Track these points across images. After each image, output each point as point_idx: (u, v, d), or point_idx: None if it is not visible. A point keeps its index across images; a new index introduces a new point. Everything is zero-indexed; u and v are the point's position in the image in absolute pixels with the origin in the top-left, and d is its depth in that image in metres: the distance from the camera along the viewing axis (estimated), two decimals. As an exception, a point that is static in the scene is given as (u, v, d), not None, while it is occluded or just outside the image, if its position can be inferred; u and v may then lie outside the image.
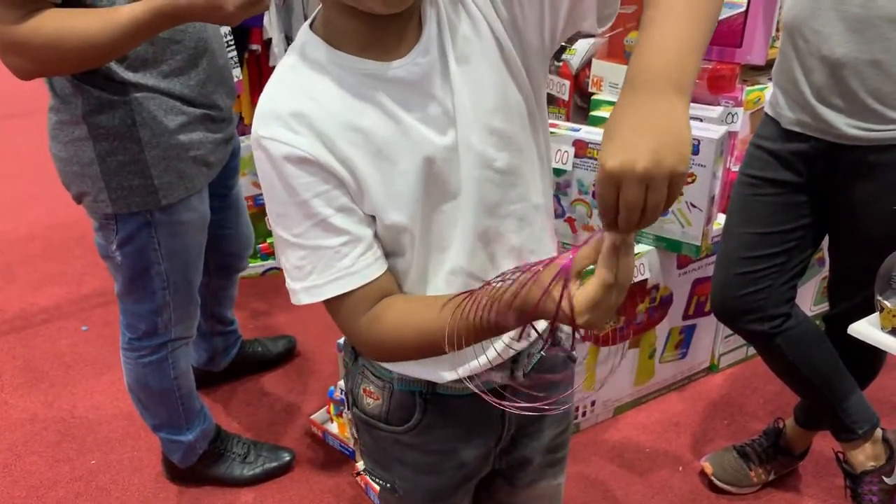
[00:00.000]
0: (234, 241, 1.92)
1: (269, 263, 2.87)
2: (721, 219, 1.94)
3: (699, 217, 1.83)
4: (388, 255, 0.87)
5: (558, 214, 1.93)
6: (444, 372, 0.94)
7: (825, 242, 1.65)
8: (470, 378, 0.93)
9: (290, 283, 0.85)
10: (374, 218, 0.84)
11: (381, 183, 0.81)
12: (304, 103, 0.79)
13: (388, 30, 0.79)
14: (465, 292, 0.77)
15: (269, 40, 2.58)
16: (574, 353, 1.14)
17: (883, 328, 1.15)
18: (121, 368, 1.72)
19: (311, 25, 0.83)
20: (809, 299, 2.36)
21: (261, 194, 2.86)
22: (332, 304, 0.84)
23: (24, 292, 2.80)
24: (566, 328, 1.07)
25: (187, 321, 1.66)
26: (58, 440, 2.08)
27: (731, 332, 2.17)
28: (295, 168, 0.79)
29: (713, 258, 1.96)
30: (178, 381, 1.70)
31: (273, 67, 2.66)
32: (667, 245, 1.92)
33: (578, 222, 1.89)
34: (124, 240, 1.48)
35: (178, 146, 1.44)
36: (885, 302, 1.14)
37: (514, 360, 0.99)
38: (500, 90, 0.84)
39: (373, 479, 1.08)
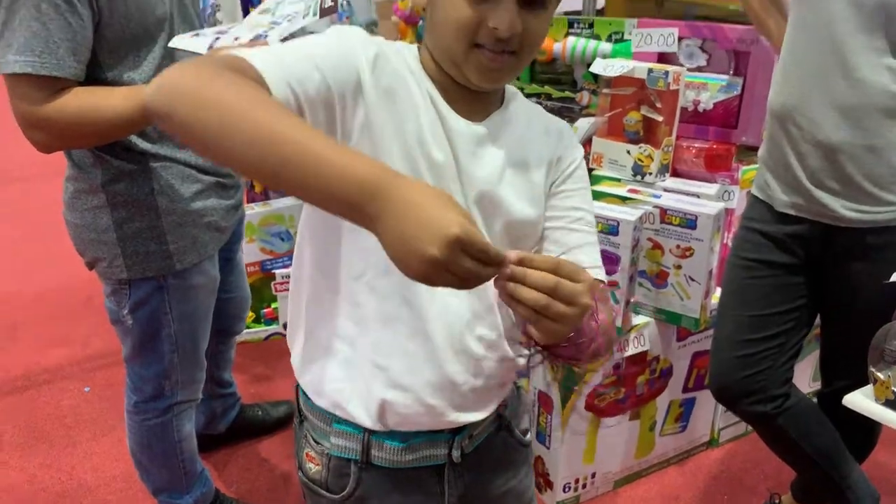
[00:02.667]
0: (234, 304, 1.96)
1: (272, 329, 2.89)
2: (719, 293, 1.99)
3: (698, 290, 1.87)
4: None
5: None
6: (374, 417, 0.96)
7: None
8: (408, 448, 0.99)
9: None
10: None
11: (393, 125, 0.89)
12: (391, 60, 0.90)
13: (467, 95, 0.93)
14: None
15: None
16: (527, 438, 1.15)
17: (877, 400, 1.17)
18: (121, 430, 1.73)
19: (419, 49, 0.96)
20: (807, 376, 2.37)
21: (268, 259, 2.89)
22: (225, 54, 0.80)
23: (28, 352, 2.82)
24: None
25: (193, 385, 1.68)
26: (55, 502, 2.07)
27: (730, 405, 2.18)
28: (345, 39, 0.87)
29: (712, 331, 1.99)
30: (182, 444, 1.71)
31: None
32: (666, 317, 1.95)
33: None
34: (136, 304, 1.52)
35: (193, 213, 1.49)
36: (879, 374, 1.17)
37: (452, 439, 1.01)
38: (523, 197, 0.98)
39: None
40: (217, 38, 1.33)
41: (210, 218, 1.53)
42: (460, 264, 0.67)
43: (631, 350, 1.95)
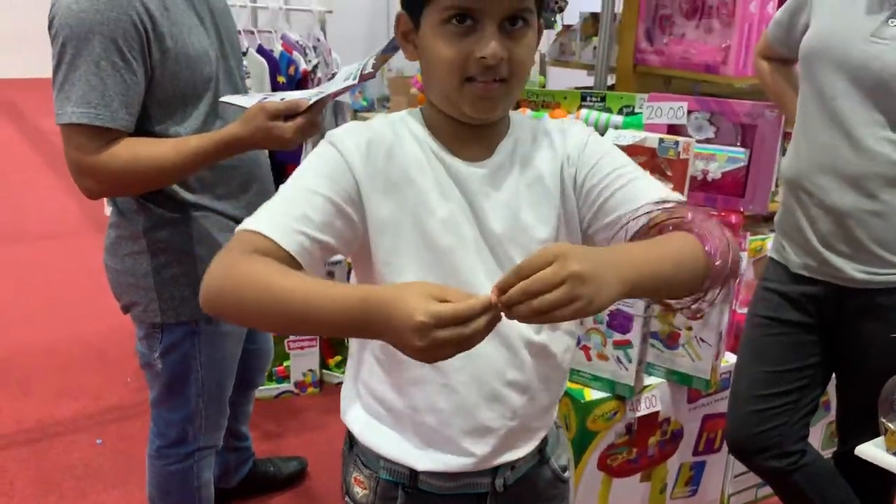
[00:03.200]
0: (257, 356, 2.00)
1: (284, 387, 2.92)
2: (728, 356, 2.03)
3: (709, 351, 1.92)
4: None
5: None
6: (420, 458, 1.02)
7: (830, 385, 1.72)
8: (453, 476, 1.03)
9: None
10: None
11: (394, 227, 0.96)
12: (384, 141, 0.97)
13: (474, 134, 0.98)
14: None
15: (303, 174, 2.76)
16: (566, 474, 1.18)
17: (888, 450, 1.21)
18: (133, 483, 1.75)
19: (421, 109, 1.02)
20: (817, 443, 2.39)
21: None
22: (240, 236, 0.91)
23: (40, 404, 2.84)
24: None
25: (216, 431, 1.72)
26: (65, 553, 2.07)
27: (741, 471, 2.20)
28: (335, 154, 0.95)
29: (722, 394, 2.03)
30: (201, 490, 1.73)
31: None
32: (678, 378, 1.99)
33: (593, 350, 1.98)
34: (168, 348, 1.57)
35: (227, 261, 1.56)
36: (889, 424, 1.21)
37: (496, 468, 1.06)
38: (549, 225, 1.01)
39: None
40: (265, 98, 1.43)
41: (242, 266, 1.60)
42: (444, 338, 0.73)
43: (643, 410, 1.99)
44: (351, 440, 1.11)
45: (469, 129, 0.98)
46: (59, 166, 6.30)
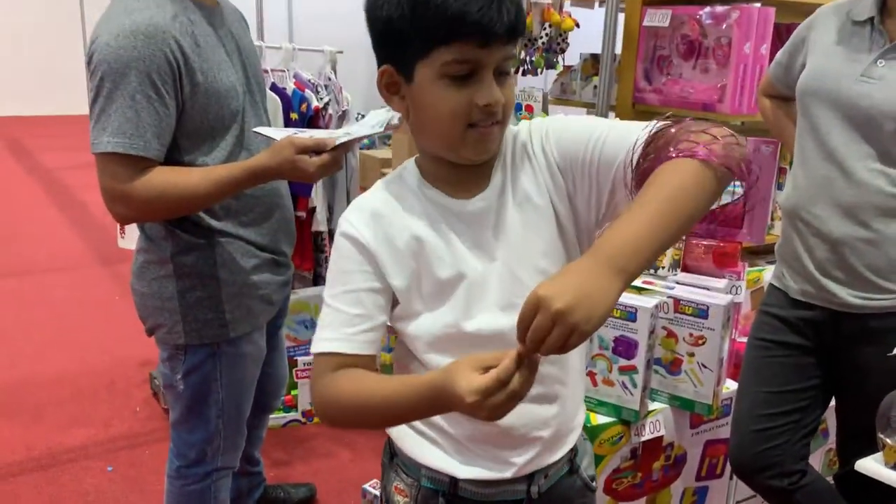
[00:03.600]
0: (272, 380, 2.06)
1: (291, 416, 2.96)
2: (729, 383, 2.09)
3: (710, 377, 1.98)
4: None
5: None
6: (460, 466, 1.09)
7: (829, 412, 1.78)
8: (491, 483, 1.09)
9: (315, 335, 1.05)
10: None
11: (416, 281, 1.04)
12: (386, 208, 1.05)
13: (469, 172, 1.04)
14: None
15: (314, 208, 2.85)
16: (594, 483, 1.24)
17: (886, 464, 1.27)
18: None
19: (415, 160, 1.09)
20: (816, 469, 2.43)
21: (291, 346, 3.00)
22: (320, 360, 1.03)
23: (51, 432, 2.87)
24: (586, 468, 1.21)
25: (233, 451, 1.77)
26: (78, 577, 2.09)
27: (743, 496, 2.24)
28: (350, 246, 1.03)
29: (724, 420, 2.09)
30: (217, 511, 1.77)
31: (315, 232, 2.93)
32: (680, 404, 2.05)
33: (599, 376, 2.04)
34: (190, 369, 1.63)
35: (250, 285, 1.63)
36: (887, 439, 1.27)
37: (531, 476, 1.12)
38: (550, 241, 1.05)
39: None
40: (295, 132, 1.52)
41: (264, 291, 1.67)
42: (498, 402, 0.83)
43: (647, 435, 2.04)
44: (391, 450, 1.17)
45: (465, 169, 1.03)
46: (63, 201, 6.47)
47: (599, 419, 1.98)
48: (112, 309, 4.02)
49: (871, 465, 1.28)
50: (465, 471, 1.09)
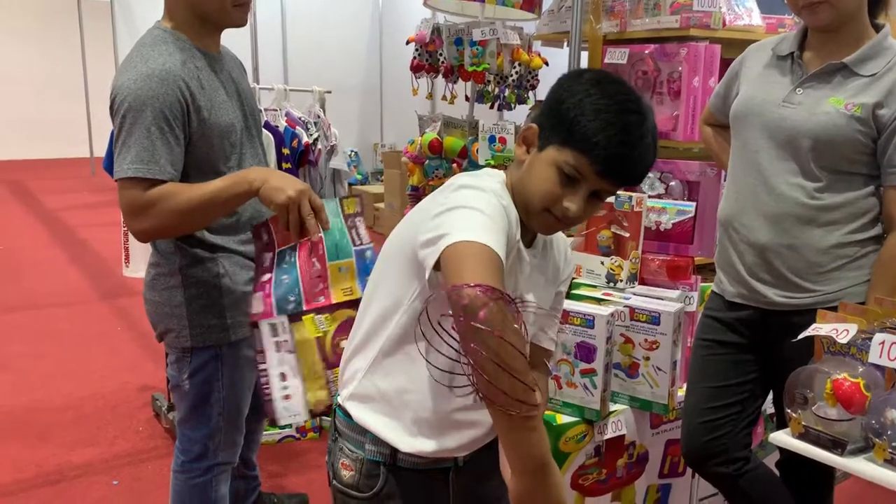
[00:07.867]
0: None
1: (286, 432, 3.14)
2: (684, 386, 2.29)
3: (665, 378, 2.18)
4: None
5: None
6: (406, 439, 1.26)
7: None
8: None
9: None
10: None
11: None
12: (510, 215, 1.21)
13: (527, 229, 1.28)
14: None
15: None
16: None
17: (793, 434, 1.47)
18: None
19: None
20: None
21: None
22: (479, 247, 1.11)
23: (58, 451, 3.04)
24: None
25: (232, 448, 1.96)
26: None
27: (705, 494, 2.43)
28: (507, 216, 1.20)
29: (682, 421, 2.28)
30: (218, 503, 1.95)
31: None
32: (639, 405, 2.24)
33: (563, 379, 2.24)
34: (195, 370, 1.83)
35: (247, 293, 1.83)
36: (792, 413, 1.47)
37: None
38: (546, 299, 1.37)
39: None
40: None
41: (259, 300, 1.88)
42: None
43: (610, 433, 2.23)
44: (336, 432, 1.34)
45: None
46: (65, 240, 6.67)
47: (564, 419, 2.16)
48: (114, 339, 4.21)
49: (782, 437, 1.48)
50: (408, 443, 1.26)
